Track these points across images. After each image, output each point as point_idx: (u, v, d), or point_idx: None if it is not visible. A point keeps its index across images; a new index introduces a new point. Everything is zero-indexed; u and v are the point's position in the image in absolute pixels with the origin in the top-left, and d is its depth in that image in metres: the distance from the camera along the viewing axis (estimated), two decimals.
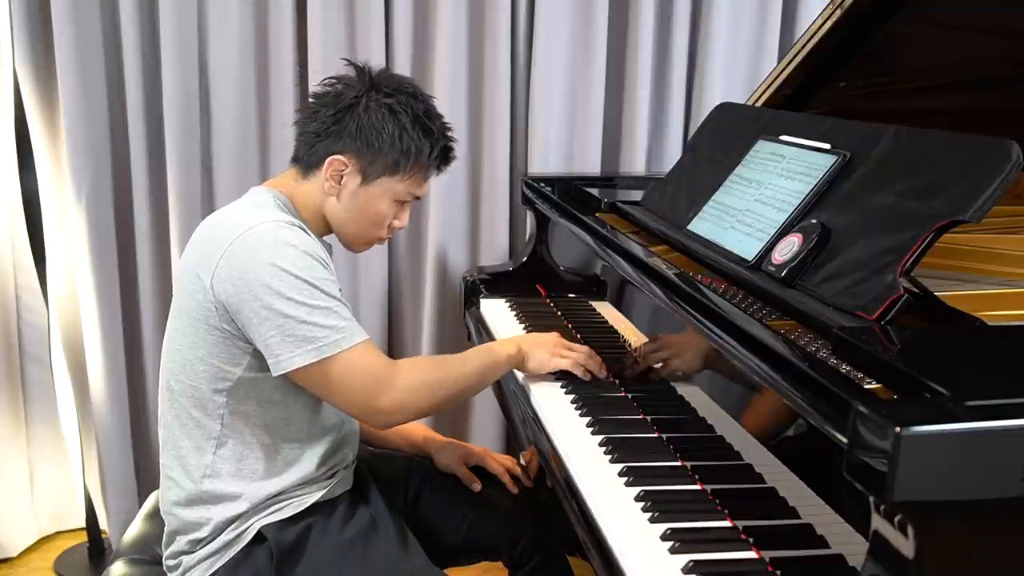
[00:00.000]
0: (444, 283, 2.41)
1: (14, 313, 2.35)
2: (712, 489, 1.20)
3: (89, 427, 2.44)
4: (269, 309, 1.26)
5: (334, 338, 1.29)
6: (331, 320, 1.29)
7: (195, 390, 1.35)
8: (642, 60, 2.31)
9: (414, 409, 1.37)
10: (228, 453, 1.36)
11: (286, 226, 1.32)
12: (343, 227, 1.45)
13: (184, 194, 2.27)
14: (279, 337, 1.27)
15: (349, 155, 1.39)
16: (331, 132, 1.40)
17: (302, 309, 1.27)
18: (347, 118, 1.39)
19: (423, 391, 1.37)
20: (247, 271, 1.27)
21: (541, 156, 2.34)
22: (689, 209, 1.55)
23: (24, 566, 2.44)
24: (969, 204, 1.05)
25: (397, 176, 1.41)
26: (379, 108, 1.39)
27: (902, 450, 0.75)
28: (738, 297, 1.24)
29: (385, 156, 1.39)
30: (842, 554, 0.96)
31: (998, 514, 0.80)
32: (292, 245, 1.29)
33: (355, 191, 1.41)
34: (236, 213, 1.36)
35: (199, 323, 1.33)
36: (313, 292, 1.28)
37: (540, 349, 1.51)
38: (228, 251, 1.29)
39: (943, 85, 1.76)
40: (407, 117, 1.40)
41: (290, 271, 1.27)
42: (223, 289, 1.29)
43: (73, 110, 2.19)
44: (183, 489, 1.38)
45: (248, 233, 1.29)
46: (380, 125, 1.38)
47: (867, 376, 0.92)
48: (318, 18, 2.22)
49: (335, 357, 1.29)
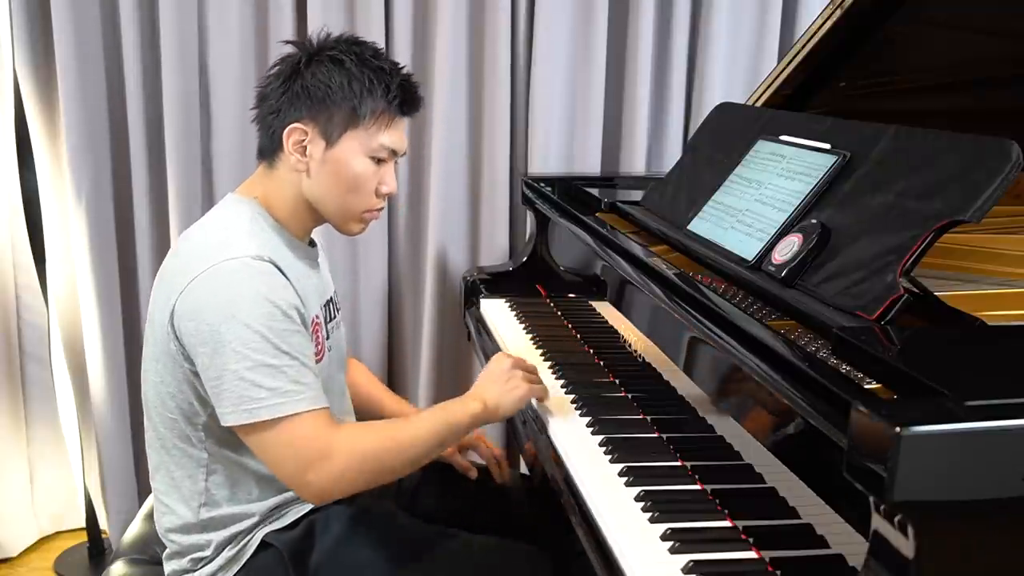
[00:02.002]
0: (444, 283, 2.41)
1: (14, 313, 2.35)
2: (712, 489, 1.20)
3: (89, 427, 2.44)
4: (211, 357, 1.19)
5: (272, 402, 1.19)
6: (275, 381, 1.19)
7: (174, 423, 1.31)
8: (642, 60, 2.31)
9: (350, 485, 1.25)
10: (220, 479, 1.32)
11: (251, 263, 1.22)
12: (325, 203, 1.34)
13: (184, 194, 2.27)
14: (217, 388, 1.20)
15: (305, 120, 1.30)
16: (282, 105, 1.32)
17: (244, 363, 1.18)
18: (293, 85, 1.31)
19: (363, 470, 1.24)
20: (199, 312, 1.20)
21: (541, 156, 2.34)
22: (689, 209, 1.55)
23: (24, 566, 2.44)
24: (969, 204, 1.05)
25: (361, 125, 1.31)
26: (322, 63, 1.31)
27: (902, 450, 0.75)
28: (738, 297, 1.24)
29: (340, 107, 1.30)
30: (842, 554, 0.96)
31: (998, 514, 0.80)
32: (252, 289, 1.20)
33: (323, 158, 1.31)
34: (210, 238, 1.28)
35: (166, 356, 1.27)
36: (262, 345, 1.18)
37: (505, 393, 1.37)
38: (188, 288, 1.22)
39: (943, 85, 1.76)
40: (352, 62, 1.31)
41: (240, 319, 1.18)
42: (180, 326, 1.23)
43: (73, 110, 2.19)
44: (180, 517, 1.34)
45: (210, 271, 1.21)
46: (327, 78, 1.30)
47: (867, 376, 0.92)
48: (318, 18, 2.22)
49: (268, 423, 1.19)
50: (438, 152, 2.31)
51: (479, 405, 1.36)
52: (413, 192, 2.39)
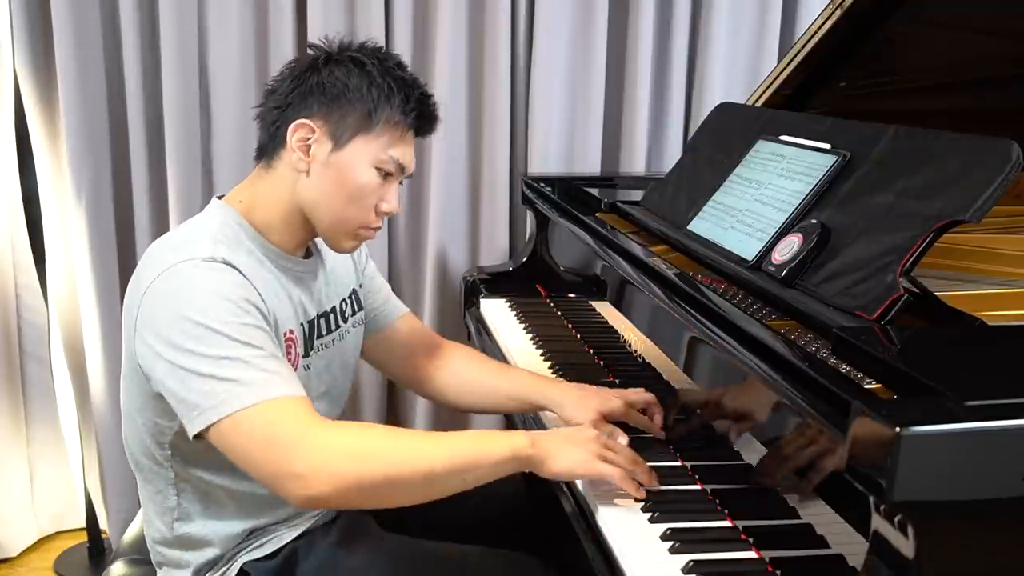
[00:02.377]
0: (444, 283, 2.41)
1: (14, 313, 2.35)
2: (712, 489, 1.20)
3: (89, 427, 2.44)
4: (170, 363, 1.11)
5: (235, 393, 1.08)
6: (234, 371, 1.09)
7: (140, 441, 1.26)
8: (642, 60, 2.31)
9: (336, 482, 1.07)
10: (191, 495, 1.27)
11: (201, 264, 1.14)
12: (320, 210, 1.25)
13: (184, 194, 2.27)
14: (182, 393, 1.11)
15: (315, 118, 1.22)
16: (293, 100, 1.24)
17: (203, 362, 1.09)
18: (308, 80, 1.23)
19: (350, 458, 1.09)
20: (153, 322, 1.14)
21: (541, 156, 2.35)
22: (689, 209, 1.55)
23: (24, 566, 2.44)
24: (969, 204, 1.05)
25: (372, 132, 1.23)
26: (343, 63, 1.24)
27: (902, 450, 0.75)
28: (738, 297, 1.24)
29: (354, 109, 1.22)
30: (842, 554, 0.96)
31: (998, 514, 0.80)
32: (201, 288, 1.13)
33: (327, 160, 1.23)
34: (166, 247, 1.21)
35: (133, 375, 1.21)
36: (218, 339, 1.10)
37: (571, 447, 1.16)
38: (143, 299, 1.16)
39: (943, 85, 1.76)
40: (374, 66, 1.23)
41: (190, 317, 1.10)
42: (138, 340, 1.17)
43: (73, 110, 2.19)
44: (158, 531, 1.31)
45: (160, 278, 1.15)
46: (346, 78, 1.22)
47: (867, 376, 0.92)
48: (318, 18, 2.22)
49: (236, 418, 1.08)
50: (438, 152, 2.31)
51: (526, 442, 1.15)
52: (413, 192, 2.39)
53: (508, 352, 1.77)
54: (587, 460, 1.16)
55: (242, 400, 1.09)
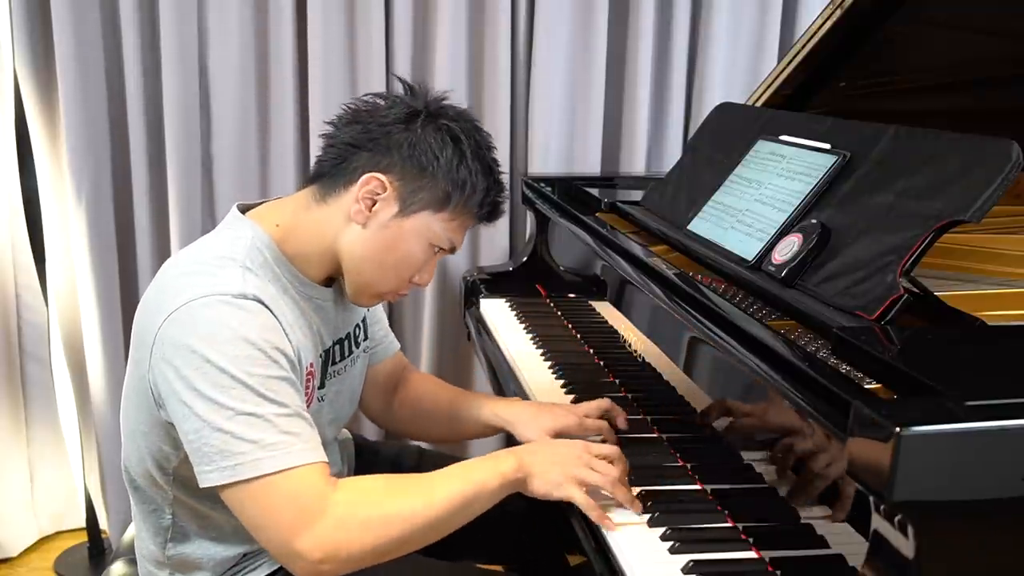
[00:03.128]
0: (444, 283, 2.41)
1: (14, 313, 2.35)
2: (712, 489, 1.20)
3: (89, 427, 2.44)
4: (188, 407, 1.05)
5: (255, 456, 1.03)
6: (256, 432, 1.04)
7: (141, 461, 1.22)
8: (642, 60, 2.31)
9: (352, 555, 1.06)
10: (187, 516, 1.23)
11: (232, 300, 1.07)
12: (360, 265, 1.20)
13: (184, 194, 2.27)
14: (196, 443, 1.06)
15: (393, 176, 1.16)
16: (375, 146, 1.16)
17: (223, 413, 1.03)
18: (398, 132, 1.16)
19: (366, 532, 1.06)
20: (174, 357, 1.06)
21: (541, 156, 2.35)
22: (689, 209, 1.55)
23: (24, 566, 2.44)
24: (969, 204, 1.05)
25: (443, 213, 1.18)
26: (440, 130, 1.17)
27: (902, 450, 0.75)
28: (738, 297, 1.24)
29: (436, 185, 1.17)
30: (842, 554, 0.96)
31: (998, 514, 0.80)
32: (229, 328, 1.06)
33: (387, 222, 1.17)
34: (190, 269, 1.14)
35: (141, 398, 1.15)
36: (242, 392, 1.04)
37: (553, 468, 1.16)
38: (163, 327, 1.08)
39: (943, 85, 1.76)
40: (470, 147, 1.18)
41: (216, 363, 1.04)
42: (158, 371, 1.09)
43: (73, 110, 2.19)
44: (149, 550, 1.28)
45: (184, 308, 1.07)
46: (439, 149, 1.16)
47: (867, 376, 0.92)
48: (318, 18, 2.22)
49: (251, 481, 1.04)
50: None
51: (512, 464, 1.15)
52: None
53: (508, 352, 1.77)
54: (562, 484, 1.15)
55: (260, 467, 1.04)
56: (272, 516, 1.05)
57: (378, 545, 1.07)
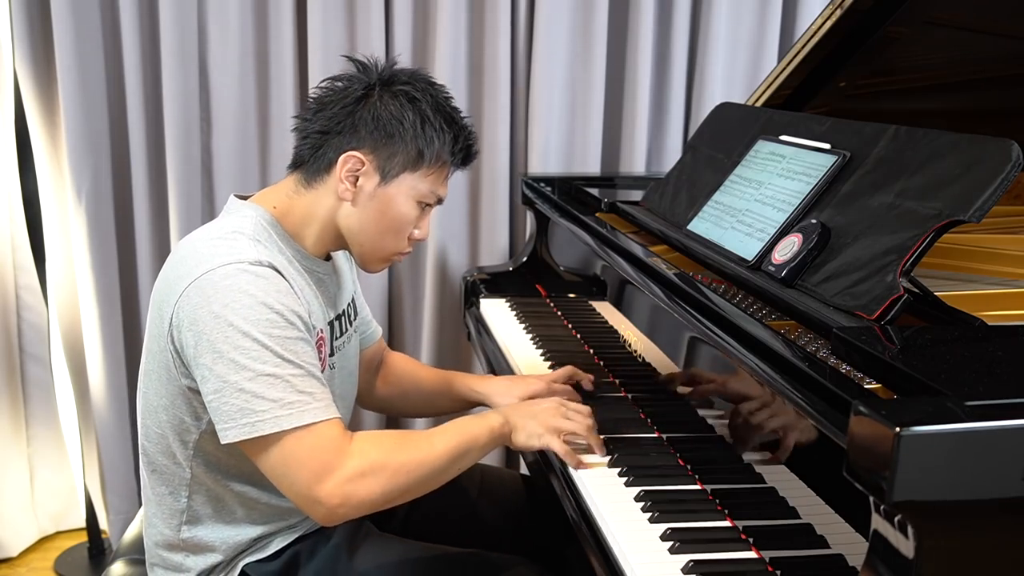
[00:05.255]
0: (444, 283, 2.41)
1: (14, 313, 2.35)
2: (712, 489, 1.20)
3: (89, 427, 2.44)
4: (210, 369, 1.12)
5: (275, 414, 1.11)
6: (276, 392, 1.11)
7: (161, 437, 1.25)
8: (642, 60, 2.31)
9: (363, 499, 1.15)
10: (203, 499, 1.27)
11: (249, 268, 1.15)
12: (360, 237, 1.29)
13: (184, 194, 2.27)
14: (217, 403, 1.13)
15: (366, 150, 1.24)
16: (343, 127, 1.25)
17: (244, 374, 1.11)
18: (361, 110, 1.25)
19: (376, 478, 1.16)
20: (196, 322, 1.13)
21: (541, 156, 2.35)
22: (689, 209, 1.55)
23: (24, 566, 2.44)
24: (969, 204, 1.05)
25: (420, 171, 1.27)
26: (396, 97, 1.25)
27: (902, 450, 0.75)
28: (738, 297, 1.24)
29: (407, 148, 1.25)
30: (842, 554, 0.97)
31: (998, 514, 0.80)
32: (249, 294, 1.13)
33: (373, 192, 1.26)
34: (206, 243, 1.20)
35: (162, 371, 1.21)
36: (262, 354, 1.11)
37: (531, 421, 1.30)
38: (184, 295, 1.15)
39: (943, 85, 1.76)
40: (428, 104, 1.26)
41: (238, 326, 1.11)
42: (177, 338, 1.16)
43: (73, 110, 2.19)
44: (162, 534, 1.30)
45: (204, 277, 1.14)
46: (400, 114, 1.24)
47: (867, 376, 0.92)
48: (318, 18, 2.22)
49: (271, 436, 1.12)
50: None
51: (498, 420, 1.29)
52: None
53: (508, 352, 1.77)
54: (542, 435, 1.29)
55: (279, 424, 1.12)
56: (293, 467, 1.13)
57: (387, 491, 1.17)
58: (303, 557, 1.31)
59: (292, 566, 1.30)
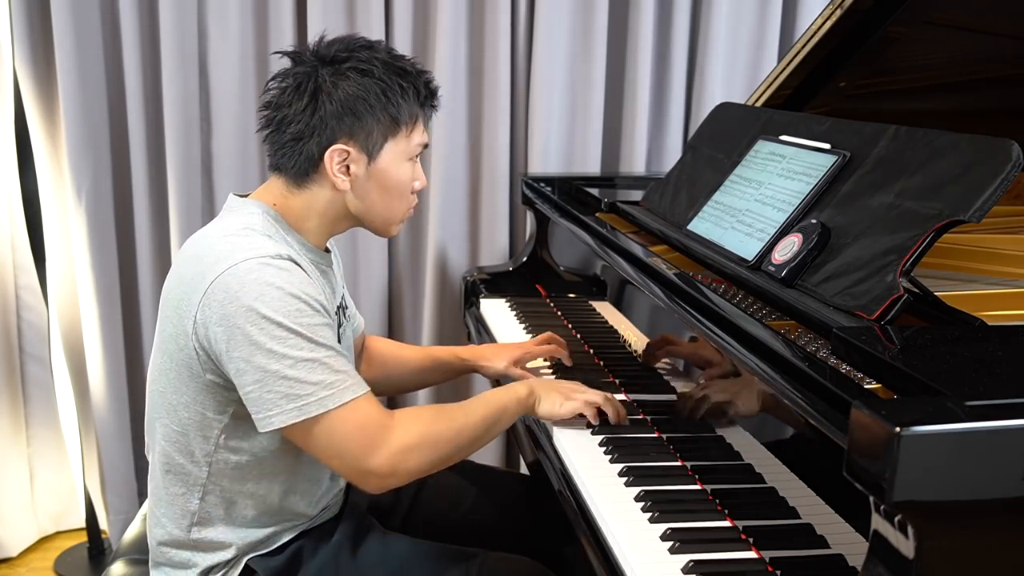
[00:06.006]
0: (444, 283, 2.41)
1: (14, 313, 2.35)
2: (712, 489, 1.20)
3: (89, 427, 2.44)
4: (247, 361, 1.15)
5: (319, 395, 1.17)
6: (317, 375, 1.17)
7: (181, 435, 1.26)
8: (642, 60, 2.31)
9: (411, 469, 1.23)
10: (216, 499, 1.29)
11: (272, 262, 1.18)
12: (371, 215, 1.33)
13: (184, 194, 2.27)
14: (258, 392, 1.16)
15: (344, 139, 1.25)
16: (312, 129, 1.25)
17: (284, 362, 1.15)
18: (320, 105, 1.24)
19: (421, 449, 1.23)
20: (226, 317, 1.16)
21: (541, 156, 2.35)
22: (689, 209, 1.55)
23: (24, 566, 2.44)
24: (969, 204, 1.05)
25: (400, 134, 1.28)
26: (345, 76, 1.25)
27: (902, 450, 0.75)
28: (738, 297, 1.24)
29: (379, 119, 1.26)
30: (842, 554, 0.96)
31: (998, 514, 0.80)
32: (276, 287, 1.16)
33: (367, 173, 1.28)
34: (221, 240, 1.23)
35: (182, 369, 1.23)
36: (298, 342, 1.16)
37: (554, 392, 1.40)
38: (208, 291, 1.17)
39: (943, 85, 1.76)
40: (378, 69, 1.25)
41: (271, 318, 1.15)
42: (204, 335, 1.18)
43: (73, 110, 2.19)
44: (170, 533, 1.31)
45: (228, 272, 1.17)
46: (357, 91, 1.24)
47: (867, 376, 0.92)
48: (318, 18, 2.22)
49: (319, 417, 1.17)
50: (438, 152, 2.31)
51: (525, 390, 1.38)
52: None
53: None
54: (563, 403, 1.38)
55: (325, 404, 1.17)
56: (344, 444, 1.19)
57: (432, 461, 1.25)
58: (306, 553, 1.32)
59: (295, 562, 1.31)
